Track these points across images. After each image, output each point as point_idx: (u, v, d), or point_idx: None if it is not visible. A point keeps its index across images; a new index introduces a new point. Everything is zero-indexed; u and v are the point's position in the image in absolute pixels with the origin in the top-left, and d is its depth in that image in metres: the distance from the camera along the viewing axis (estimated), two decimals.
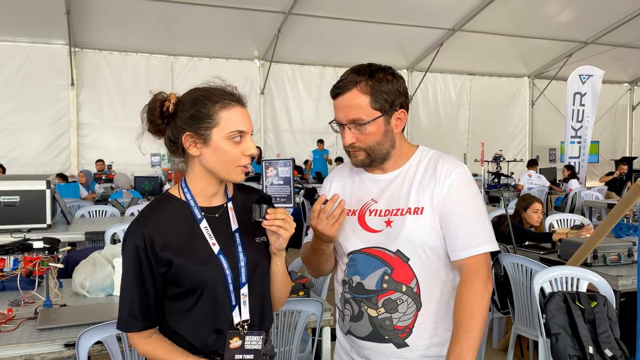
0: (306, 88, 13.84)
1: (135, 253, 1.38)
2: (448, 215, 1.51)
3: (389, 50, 13.41)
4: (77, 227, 4.82)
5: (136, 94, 12.13)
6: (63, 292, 2.62)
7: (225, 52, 12.65)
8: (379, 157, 1.56)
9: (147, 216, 1.43)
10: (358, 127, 1.52)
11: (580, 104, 10.96)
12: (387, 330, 1.52)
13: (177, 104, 1.43)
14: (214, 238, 1.43)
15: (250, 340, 1.42)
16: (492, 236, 1.53)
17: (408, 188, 1.56)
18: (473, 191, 1.55)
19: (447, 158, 1.59)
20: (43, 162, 11.48)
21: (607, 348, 2.55)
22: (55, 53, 11.56)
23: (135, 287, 1.39)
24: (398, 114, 1.55)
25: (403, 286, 1.51)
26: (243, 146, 1.41)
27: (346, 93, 1.53)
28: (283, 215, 1.41)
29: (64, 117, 11.81)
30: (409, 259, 1.51)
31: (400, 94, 1.54)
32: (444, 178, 1.53)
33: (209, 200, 1.48)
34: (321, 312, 2.35)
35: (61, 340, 2.03)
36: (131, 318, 1.40)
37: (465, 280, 1.49)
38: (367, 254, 1.56)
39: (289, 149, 13.40)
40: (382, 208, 1.57)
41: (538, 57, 14.41)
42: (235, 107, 1.42)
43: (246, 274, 1.43)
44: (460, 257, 1.50)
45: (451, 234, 1.51)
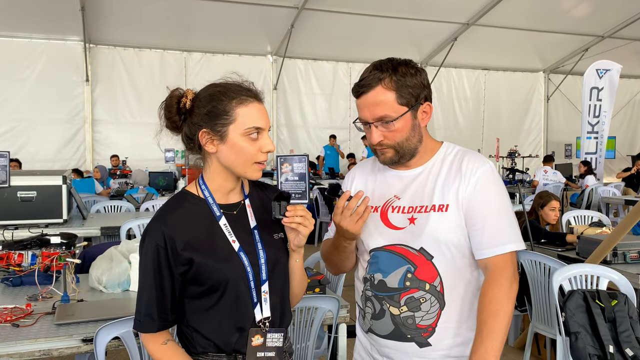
0: (319, 84, 13.81)
1: (155, 252, 1.37)
2: (473, 212, 1.48)
3: (403, 45, 13.32)
4: (93, 222, 4.85)
5: (150, 90, 12.20)
6: (80, 287, 2.63)
7: (239, 48, 12.65)
8: (407, 153, 1.54)
9: (166, 215, 1.41)
10: (385, 124, 1.49)
11: (597, 99, 10.81)
12: (409, 329, 1.50)
13: (194, 100, 1.42)
14: (234, 235, 1.42)
15: (271, 338, 1.41)
16: (518, 234, 1.50)
17: (432, 185, 1.53)
18: (499, 189, 1.52)
19: (473, 154, 1.56)
20: (59, 157, 11.59)
21: (628, 347, 2.51)
22: (70, 49, 11.64)
23: (153, 287, 1.38)
24: (424, 107, 1.53)
25: (426, 284, 1.48)
26: (260, 143, 1.39)
27: (370, 91, 1.50)
28: (302, 212, 1.39)
29: (79, 113, 11.90)
30: (433, 256, 1.48)
31: (424, 87, 1.51)
32: (469, 175, 1.50)
33: (226, 197, 1.46)
34: (337, 309, 2.34)
35: (79, 335, 2.04)
36: (148, 318, 1.38)
37: (490, 279, 1.46)
38: (390, 252, 1.53)
39: (302, 144, 13.39)
40: (406, 205, 1.54)
41: (554, 51, 14.22)
42: (252, 103, 1.40)
43: (267, 271, 1.43)
44: (486, 255, 1.47)
45: (476, 232, 1.48)
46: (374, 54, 10.99)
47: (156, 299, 1.38)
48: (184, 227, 1.39)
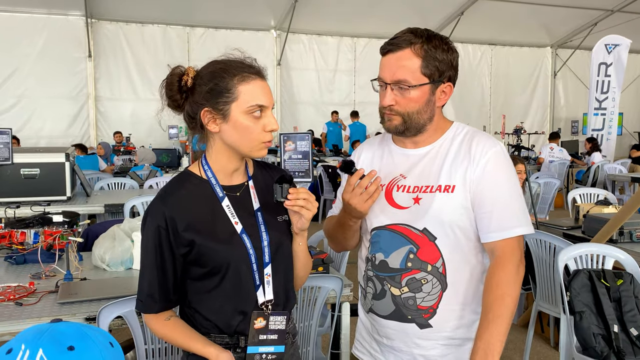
0: (323, 59, 13.65)
1: (156, 233, 1.35)
2: (482, 195, 1.44)
3: (409, 20, 13.06)
4: (97, 199, 4.85)
5: (153, 66, 12.10)
6: (83, 266, 2.63)
7: (242, 23, 12.49)
8: (414, 126, 1.49)
9: (167, 195, 1.39)
10: (401, 89, 1.45)
11: (606, 75, 10.65)
12: (410, 310, 1.48)
13: (195, 77, 1.37)
14: (237, 217, 1.39)
15: (274, 321, 1.39)
16: (527, 218, 1.47)
17: (440, 165, 1.49)
18: (509, 171, 1.48)
19: (483, 135, 1.52)
20: (63, 134, 11.57)
21: (632, 327, 2.50)
22: (71, 24, 11.52)
23: (154, 268, 1.36)
24: (444, 87, 1.49)
25: (428, 265, 1.46)
26: (263, 121, 1.35)
27: (398, 51, 1.45)
28: (305, 195, 1.37)
29: (82, 89, 11.83)
30: (436, 238, 1.46)
31: (451, 67, 1.47)
32: (479, 157, 1.46)
33: (229, 178, 1.43)
34: (341, 288, 2.33)
35: (82, 314, 2.04)
36: (149, 299, 1.37)
37: (497, 263, 1.43)
38: (392, 231, 1.50)
39: (305, 121, 13.31)
40: (411, 184, 1.51)
41: (561, 26, 13.98)
42: (254, 80, 1.35)
43: (269, 254, 1.40)
44: (493, 239, 1.44)
45: (484, 215, 1.45)
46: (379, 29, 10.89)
47: (158, 279, 1.36)
48: (186, 208, 1.37)
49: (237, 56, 1.39)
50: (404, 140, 1.56)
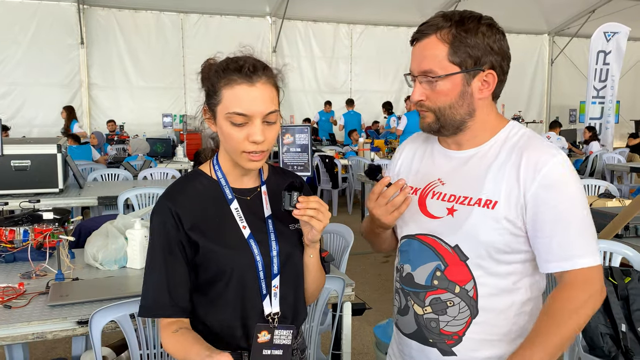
0: (319, 46, 13.51)
1: (164, 231, 1.27)
2: (537, 218, 1.22)
3: (405, 6, 12.97)
4: (90, 191, 4.76)
5: (147, 53, 11.95)
6: (75, 264, 2.54)
7: (237, 9, 12.32)
8: (450, 124, 1.29)
9: (175, 193, 1.32)
10: (429, 82, 1.27)
11: (604, 63, 10.56)
12: (432, 333, 1.32)
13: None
14: (245, 221, 1.31)
15: (279, 335, 1.31)
16: (592, 245, 1.23)
17: (484, 173, 1.27)
18: (571, 188, 1.23)
19: (541, 143, 1.27)
20: (55, 122, 11.41)
21: None
22: (63, 10, 11.32)
23: (162, 269, 1.27)
24: (484, 76, 1.26)
25: (457, 287, 1.28)
26: (247, 130, 1.23)
27: (424, 39, 1.28)
28: (316, 204, 1.26)
29: (75, 77, 11.67)
30: (468, 258, 1.27)
31: (492, 52, 1.25)
32: (532, 170, 1.22)
33: (240, 180, 1.35)
34: (342, 288, 2.26)
35: (73, 317, 1.95)
36: (155, 304, 1.28)
37: (563, 288, 1.23)
38: (421, 242, 1.34)
39: (301, 109, 13.19)
40: (448, 192, 1.32)
41: (559, 12, 13.85)
42: (240, 85, 1.22)
43: (278, 265, 1.32)
44: (551, 270, 1.24)
45: (542, 241, 1.23)
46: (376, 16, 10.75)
47: (166, 282, 1.27)
48: (193, 207, 1.30)
49: (245, 53, 1.30)
50: (447, 140, 1.37)
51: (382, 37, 13.93)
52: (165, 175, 5.94)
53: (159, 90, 12.12)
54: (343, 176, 8.03)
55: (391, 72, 14.23)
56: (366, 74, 13.93)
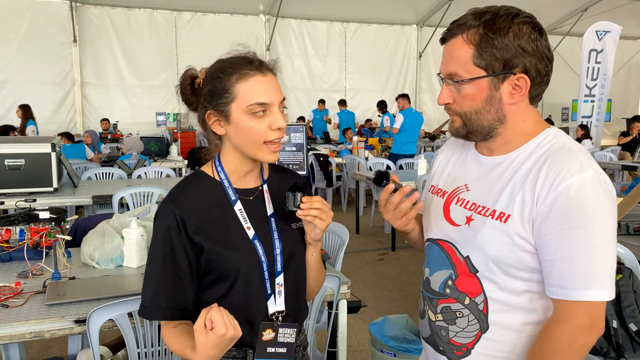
0: (313, 44, 13.52)
1: (166, 234, 1.27)
2: (544, 240, 1.13)
3: (399, 5, 13.00)
4: (84, 190, 4.75)
5: (140, 51, 11.91)
6: (72, 263, 2.55)
7: (230, 7, 12.31)
8: (477, 130, 1.22)
9: (178, 195, 1.32)
10: (456, 84, 1.20)
11: (596, 62, 10.62)
12: (442, 341, 1.30)
13: (202, 79, 1.31)
14: (249, 222, 1.32)
15: (283, 333, 1.32)
16: (600, 279, 1.10)
17: (504, 184, 1.19)
18: (590, 212, 1.09)
19: (567, 156, 1.14)
20: (49, 121, 11.36)
21: (631, 322, 2.48)
22: (56, 8, 11.27)
23: (163, 272, 1.28)
24: (515, 80, 1.16)
25: (466, 298, 1.24)
26: (268, 120, 1.26)
27: (451, 39, 1.20)
28: (319, 204, 1.28)
29: (68, 75, 11.62)
30: (478, 271, 1.22)
31: (524, 53, 1.14)
32: (548, 188, 1.12)
33: (243, 180, 1.36)
34: (338, 286, 2.28)
35: (71, 316, 1.96)
36: (154, 305, 1.29)
37: (551, 325, 1.17)
38: (441, 247, 1.31)
39: (296, 107, 13.20)
40: (471, 199, 1.26)
41: (552, 11, 13.92)
42: (254, 76, 1.26)
43: (282, 262, 1.33)
44: (550, 294, 1.16)
45: (545, 264, 1.15)
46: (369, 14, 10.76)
47: (165, 285, 1.28)
48: (196, 209, 1.30)
49: (241, 51, 1.31)
50: (480, 145, 1.29)
51: (376, 35, 13.97)
52: (159, 174, 5.94)
53: (153, 88, 12.09)
54: (337, 174, 8.06)
55: (385, 70, 14.27)
56: (360, 72, 13.96)
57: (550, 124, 1.28)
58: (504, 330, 1.21)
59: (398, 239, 6.08)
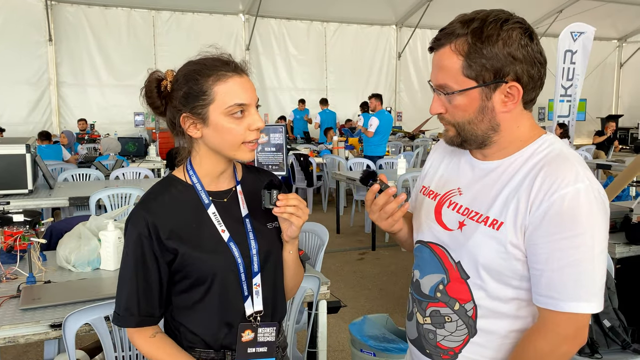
0: (293, 44, 13.51)
1: (138, 242, 1.26)
2: (535, 249, 1.12)
3: (378, 5, 13.06)
4: (61, 191, 4.68)
5: (117, 51, 11.77)
6: (47, 266, 2.50)
7: (209, 6, 12.23)
8: (471, 139, 1.20)
9: (149, 201, 1.30)
10: (447, 95, 1.17)
11: (571, 62, 10.80)
12: (429, 344, 1.29)
13: (172, 81, 1.28)
14: (223, 224, 1.31)
15: (263, 333, 1.32)
16: (588, 291, 1.09)
17: (498, 190, 1.18)
18: (583, 223, 1.08)
19: (563, 164, 1.12)
20: (23, 121, 11.17)
21: (605, 319, 2.53)
22: (30, 6, 11.07)
23: (134, 279, 1.27)
24: (507, 88, 1.14)
25: (456, 304, 1.23)
26: (247, 120, 1.26)
27: (439, 49, 1.17)
28: (295, 201, 1.28)
29: (43, 74, 11.42)
30: (469, 277, 1.21)
31: (515, 61, 1.11)
32: (542, 197, 1.10)
33: (216, 182, 1.35)
34: (318, 286, 2.28)
35: (46, 321, 1.93)
36: (127, 312, 1.28)
37: (533, 332, 1.17)
38: (432, 250, 1.29)
39: (276, 107, 13.18)
40: (463, 204, 1.24)
41: (529, 12, 14.10)
42: (231, 78, 1.25)
43: (258, 263, 1.33)
44: (538, 303, 1.15)
45: (534, 273, 1.14)
46: (349, 14, 10.77)
47: (137, 292, 1.27)
48: (169, 214, 1.28)
49: (213, 53, 1.29)
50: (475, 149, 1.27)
51: (356, 35, 14.01)
52: (137, 174, 5.87)
53: (131, 88, 11.92)
54: (318, 174, 8.06)
55: (365, 70, 14.33)
56: (340, 72, 13.99)
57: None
58: (491, 335, 1.22)
59: (378, 239, 6.11)
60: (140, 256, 1.27)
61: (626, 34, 17.10)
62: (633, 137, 16.43)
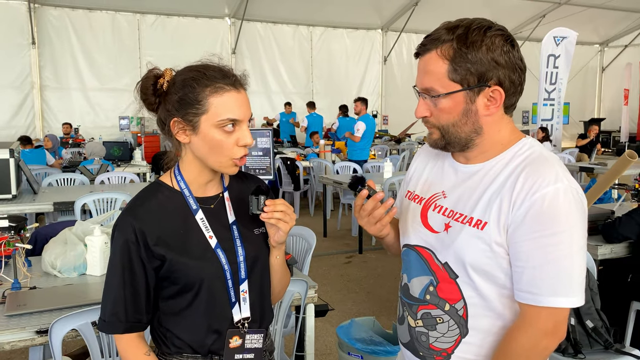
0: (279, 48, 13.52)
1: (125, 248, 1.26)
2: (517, 246, 1.17)
3: (364, 9, 13.14)
4: (45, 196, 4.63)
5: (102, 54, 11.69)
6: (32, 272, 2.48)
7: (195, 10, 12.19)
8: (455, 141, 1.24)
9: (136, 207, 1.30)
10: (433, 98, 1.22)
11: (554, 66, 10.96)
12: (422, 347, 1.32)
13: (170, 82, 1.28)
14: (211, 231, 1.32)
15: (250, 339, 1.33)
16: (569, 287, 1.14)
17: (482, 192, 1.22)
18: (562, 222, 1.13)
19: (542, 166, 1.18)
20: (6, 125, 11.03)
21: (588, 319, 2.57)
22: (13, 9, 10.95)
23: (121, 286, 1.27)
24: (490, 92, 1.19)
25: (447, 304, 1.26)
26: (236, 135, 1.26)
27: (425, 54, 1.22)
28: (282, 207, 1.29)
29: (26, 78, 11.29)
30: (458, 276, 1.24)
31: (497, 66, 1.17)
32: (524, 196, 1.15)
33: (203, 189, 1.35)
34: (305, 290, 2.29)
35: (32, 327, 1.92)
36: (115, 318, 1.28)
37: (515, 328, 1.21)
38: (419, 254, 1.32)
39: (262, 111, 13.16)
40: (448, 206, 1.28)
41: (512, 17, 14.30)
42: (228, 92, 1.26)
43: (246, 269, 1.33)
44: (519, 299, 1.19)
45: (516, 270, 1.19)
46: (335, 18, 10.80)
47: (124, 298, 1.27)
48: (156, 220, 1.28)
49: (215, 62, 1.29)
50: (457, 153, 1.32)
51: (342, 39, 14.07)
52: (123, 179, 5.84)
53: (115, 92, 11.86)
54: (305, 178, 8.07)
55: (350, 73, 14.39)
56: (327, 76, 14.03)
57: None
58: (482, 334, 1.25)
59: (365, 242, 6.13)
60: (128, 262, 1.26)
61: (608, 38, 17.39)
62: (615, 140, 16.69)
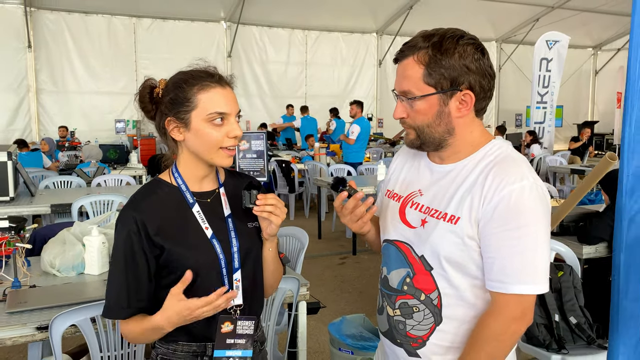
0: (275, 51, 13.60)
1: (127, 239, 1.35)
2: (487, 239, 1.27)
3: (359, 13, 13.24)
4: (42, 199, 4.69)
5: (98, 58, 11.74)
6: (32, 271, 2.55)
7: (190, 13, 12.27)
8: (429, 141, 1.35)
9: (138, 201, 1.40)
10: (410, 101, 1.33)
11: (547, 70, 11.07)
12: (399, 334, 1.42)
13: (163, 89, 1.41)
14: (207, 222, 1.41)
15: (242, 325, 1.41)
16: (535, 275, 1.25)
17: (455, 189, 1.33)
18: (529, 216, 1.24)
19: (509, 165, 1.29)
20: (3, 128, 11.10)
21: (572, 316, 2.65)
22: (9, 13, 11.00)
23: (125, 274, 1.36)
24: (461, 96, 1.30)
25: (422, 294, 1.36)
26: (226, 128, 1.38)
27: (403, 60, 1.33)
28: (273, 200, 1.39)
29: (22, 81, 11.33)
30: (432, 268, 1.34)
31: (469, 72, 1.28)
32: (492, 192, 1.25)
33: (199, 184, 1.46)
34: (297, 288, 2.36)
35: (32, 323, 1.99)
36: (118, 305, 1.37)
37: (487, 315, 1.30)
38: (397, 248, 1.43)
39: (257, 114, 13.23)
40: (425, 203, 1.38)
41: (506, 21, 14.46)
42: (214, 88, 1.38)
43: (239, 259, 1.42)
44: (490, 288, 1.29)
45: (487, 261, 1.28)
46: (330, 21, 10.88)
47: (127, 285, 1.36)
48: (156, 213, 1.38)
49: (201, 65, 1.42)
50: (432, 153, 1.42)
51: (337, 43, 14.17)
52: (119, 181, 5.89)
53: (111, 95, 11.93)
54: (300, 180, 8.14)
55: (345, 77, 14.49)
56: (321, 79, 14.12)
57: (503, 130, 1.43)
58: (456, 322, 1.35)
59: (359, 243, 6.21)
60: (130, 252, 1.35)
61: (601, 42, 17.55)
62: (608, 143, 16.83)
